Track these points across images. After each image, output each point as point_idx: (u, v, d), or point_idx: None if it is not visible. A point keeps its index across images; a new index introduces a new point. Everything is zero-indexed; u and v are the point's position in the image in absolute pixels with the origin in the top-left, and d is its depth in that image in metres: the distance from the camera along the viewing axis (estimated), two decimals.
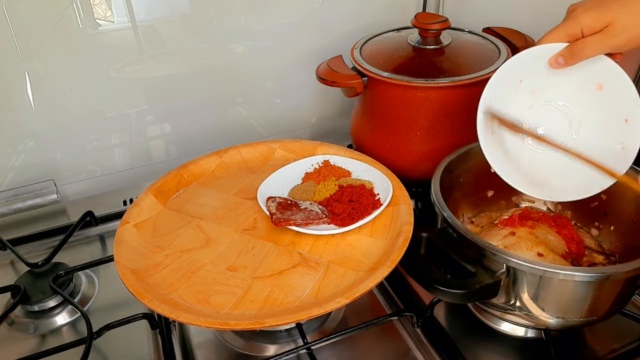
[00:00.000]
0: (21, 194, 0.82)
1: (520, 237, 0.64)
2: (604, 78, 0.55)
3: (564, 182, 0.58)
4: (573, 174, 0.58)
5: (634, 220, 0.61)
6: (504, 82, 0.57)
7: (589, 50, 0.52)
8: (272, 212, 0.65)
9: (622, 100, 0.55)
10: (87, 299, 0.68)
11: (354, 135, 0.85)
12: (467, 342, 0.60)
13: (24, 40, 0.75)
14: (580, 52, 0.53)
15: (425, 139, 0.75)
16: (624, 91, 0.54)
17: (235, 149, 0.78)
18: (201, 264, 0.61)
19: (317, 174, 0.73)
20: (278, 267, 0.60)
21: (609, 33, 0.51)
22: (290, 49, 0.93)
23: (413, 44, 0.78)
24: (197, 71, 0.89)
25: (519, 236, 0.64)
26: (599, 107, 0.56)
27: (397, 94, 0.73)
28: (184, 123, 0.92)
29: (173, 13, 0.83)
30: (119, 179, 0.91)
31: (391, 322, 0.64)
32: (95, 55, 0.80)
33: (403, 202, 0.66)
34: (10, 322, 0.65)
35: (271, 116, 0.99)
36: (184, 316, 0.52)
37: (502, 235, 0.65)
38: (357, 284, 0.55)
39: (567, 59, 0.54)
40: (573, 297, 0.52)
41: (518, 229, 0.66)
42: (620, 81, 0.54)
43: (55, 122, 0.83)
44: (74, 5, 0.76)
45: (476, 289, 0.51)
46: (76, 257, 0.74)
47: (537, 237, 0.64)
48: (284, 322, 0.51)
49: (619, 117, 0.55)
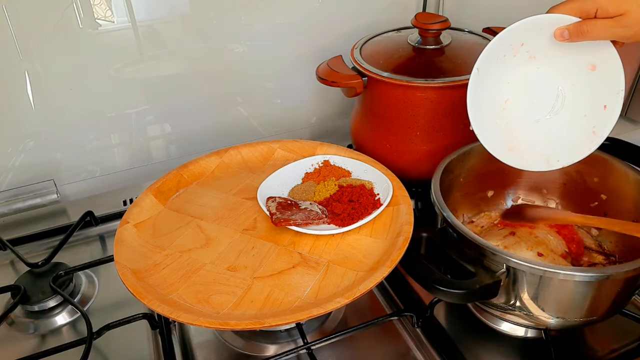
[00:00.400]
0: (21, 194, 0.82)
1: (520, 237, 0.64)
2: (599, 61, 0.56)
3: (533, 152, 0.60)
4: (541, 146, 0.59)
5: (634, 220, 0.61)
6: (506, 42, 0.57)
7: (596, 34, 0.52)
8: (272, 212, 0.65)
9: (608, 87, 0.56)
10: (87, 299, 0.68)
11: (354, 135, 0.85)
12: (467, 342, 0.60)
13: (24, 40, 0.75)
14: (588, 33, 0.52)
15: (425, 139, 0.75)
16: (613, 79, 0.55)
17: (235, 149, 0.78)
18: (201, 264, 0.61)
19: (317, 174, 0.73)
20: (278, 267, 0.60)
21: (622, 22, 0.50)
22: (290, 49, 0.93)
23: (413, 44, 0.78)
24: (197, 71, 0.89)
25: (519, 236, 0.64)
26: (587, 88, 0.57)
27: (397, 94, 0.73)
28: (184, 123, 0.92)
29: (173, 13, 0.83)
30: (119, 179, 0.91)
31: (391, 322, 0.64)
32: (95, 55, 0.80)
33: (403, 202, 0.66)
34: (10, 322, 0.65)
35: (271, 116, 0.99)
36: (184, 316, 0.52)
37: (502, 235, 0.65)
38: (357, 284, 0.55)
39: (572, 35, 0.53)
40: (573, 297, 0.52)
41: (518, 229, 0.66)
42: (613, 68, 0.55)
43: (55, 122, 0.83)
44: (74, 5, 0.76)
45: (476, 289, 0.51)
46: (76, 257, 0.74)
47: (537, 237, 0.64)
48: (284, 322, 0.51)
49: (600, 102, 0.56)
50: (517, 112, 0.60)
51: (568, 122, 0.58)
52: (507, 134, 0.60)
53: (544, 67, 0.58)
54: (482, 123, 0.58)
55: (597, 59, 0.56)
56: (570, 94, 0.58)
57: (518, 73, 0.58)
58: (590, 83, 0.57)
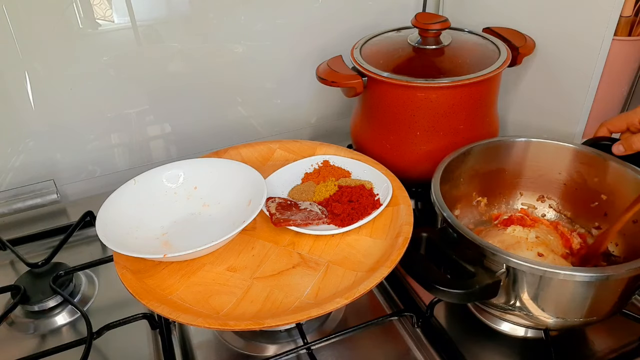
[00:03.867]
0: (21, 194, 0.83)
1: (520, 237, 0.64)
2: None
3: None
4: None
5: (634, 220, 0.61)
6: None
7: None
8: (271, 213, 0.65)
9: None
10: (87, 299, 0.68)
11: (354, 135, 0.85)
12: (467, 342, 0.60)
13: (24, 40, 0.75)
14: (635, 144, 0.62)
15: (425, 139, 0.75)
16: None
17: (235, 149, 0.78)
18: (201, 264, 0.60)
19: (316, 174, 0.73)
20: (278, 267, 0.60)
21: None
22: (290, 49, 0.93)
23: (413, 44, 0.78)
24: (197, 71, 0.89)
25: (519, 236, 0.64)
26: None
27: (397, 94, 0.73)
28: (184, 123, 0.92)
29: (173, 13, 0.83)
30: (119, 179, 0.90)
31: (391, 322, 0.64)
32: (95, 56, 0.80)
33: (403, 202, 0.66)
34: (10, 322, 0.65)
35: (271, 116, 0.99)
36: (184, 317, 0.52)
37: (502, 235, 0.65)
38: (356, 284, 0.55)
39: (627, 149, 0.63)
40: (573, 298, 0.52)
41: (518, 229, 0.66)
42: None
43: (55, 122, 0.83)
44: (74, 5, 0.76)
45: (476, 288, 0.51)
46: (76, 257, 0.74)
47: (538, 237, 0.64)
48: (283, 322, 0.51)
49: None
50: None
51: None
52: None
53: None
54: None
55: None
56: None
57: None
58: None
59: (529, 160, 0.70)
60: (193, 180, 0.70)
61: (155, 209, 0.66)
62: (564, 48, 0.77)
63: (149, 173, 0.68)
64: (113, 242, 0.57)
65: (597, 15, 0.70)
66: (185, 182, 0.70)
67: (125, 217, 0.63)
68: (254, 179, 0.67)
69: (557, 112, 0.81)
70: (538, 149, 0.69)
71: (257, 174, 0.67)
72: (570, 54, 0.76)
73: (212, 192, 0.69)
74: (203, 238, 0.59)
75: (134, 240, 0.61)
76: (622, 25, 0.71)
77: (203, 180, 0.70)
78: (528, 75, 0.85)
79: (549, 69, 0.80)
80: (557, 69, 0.79)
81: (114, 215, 0.62)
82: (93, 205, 0.80)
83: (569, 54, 0.76)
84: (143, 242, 0.62)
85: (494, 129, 0.80)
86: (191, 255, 0.58)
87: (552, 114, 0.82)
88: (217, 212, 0.68)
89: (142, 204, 0.66)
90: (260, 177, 0.66)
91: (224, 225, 0.63)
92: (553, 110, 0.82)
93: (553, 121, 0.82)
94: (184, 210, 0.68)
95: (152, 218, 0.66)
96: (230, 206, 0.66)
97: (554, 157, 0.69)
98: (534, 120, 0.86)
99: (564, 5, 0.75)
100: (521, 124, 0.89)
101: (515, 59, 0.76)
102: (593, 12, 0.71)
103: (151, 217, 0.66)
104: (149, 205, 0.66)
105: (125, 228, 0.62)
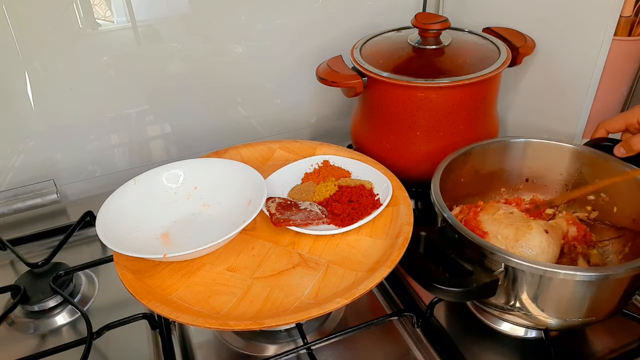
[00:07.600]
0: (21, 194, 0.82)
1: (521, 222, 0.61)
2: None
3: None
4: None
5: (634, 220, 0.61)
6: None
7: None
8: (271, 213, 0.65)
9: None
10: (87, 299, 0.68)
11: (354, 136, 0.85)
12: (467, 342, 0.60)
13: (24, 40, 0.75)
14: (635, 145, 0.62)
15: (425, 139, 0.75)
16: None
17: (235, 149, 0.78)
18: (201, 264, 0.60)
19: (316, 174, 0.73)
20: (278, 267, 0.60)
21: None
22: (290, 49, 0.93)
23: (413, 44, 0.78)
24: (197, 71, 0.89)
25: (523, 219, 0.62)
26: None
27: (397, 94, 0.73)
28: (184, 123, 0.92)
29: (173, 13, 0.83)
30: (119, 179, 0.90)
31: (391, 322, 0.64)
32: (95, 56, 0.80)
33: (403, 202, 0.66)
34: (10, 322, 0.65)
35: (271, 116, 0.99)
36: (184, 317, 0.52)
37: (509, 208, 0.63)
38: (356, 284, 0.55)
39: (628, 151, 0.63)
40: (573, 297, 0.52)
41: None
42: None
43: (55, 122, 0.83)
44: (74, 5, 0.76)
45: (473, 287, 0.51)
46: (76, 257, 0.74)
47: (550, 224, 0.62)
48: (283, 322, 0.51)
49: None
50: None
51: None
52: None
53: None
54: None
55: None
56: None
57: None
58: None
59: (529, 161, 0.70)
60: (193, 180, 0.70)
61: (155, 209, 0.66)
62: (564, 48, 0.77)
63: (149, 173, 0.68)
64: (113, 242, 0.57)
65: (597, 15, 0.70)
66: (185, 182, 0.70)
67: (125, 217, 0.63)
68: (254, 179, 0.67)
69: (557, 112, 0.81)
70: (538, 150, 0.69)
71: (257, 174, 0.67)
72: (570, 54, 0.76)
73: (212, 192, 0.69)
74: (203, 238, 0.59)
75: (134, 240, 0.61)
76: (622, 25, 0.71)
77: (203, 180, 0.69)
78: (528, 75, 0.85)
79: (549, 69, 0.80)
80: (557, 69, 0.79)
81: (114, 215, 0.62)
82: (93, 205, 0.80)
83: (568, 54, 0.76)
84: (143, 242, 0.62)
85: (494, 129, 0.80)
86: (191, 255, 0.58)
87: (552, 114, 0.82)
88: (217, 212, 0.68)
89: (142, 204, 0.66)
90: (260, 177, 0.66)
91: (224, 225, 0.63)
92: (553, 111, 0.82)
93: (553, 121, 0.82)
94: (184, 210, 0.68)
95: (152, 218, 0.66)
96: (230, 206, 0.66)
97: (554, 157, 0.69)
98: (534, 121, 0.86)
99: (563, 6, 0.75)
100: (521, 124, 0.89)
101: (515, 59, 0.76)
102: (593, 12, 0.71)
103: (151, 217, 0.66)
104: (149, 205, 0.66)
105: (125, 228, 0.62)
